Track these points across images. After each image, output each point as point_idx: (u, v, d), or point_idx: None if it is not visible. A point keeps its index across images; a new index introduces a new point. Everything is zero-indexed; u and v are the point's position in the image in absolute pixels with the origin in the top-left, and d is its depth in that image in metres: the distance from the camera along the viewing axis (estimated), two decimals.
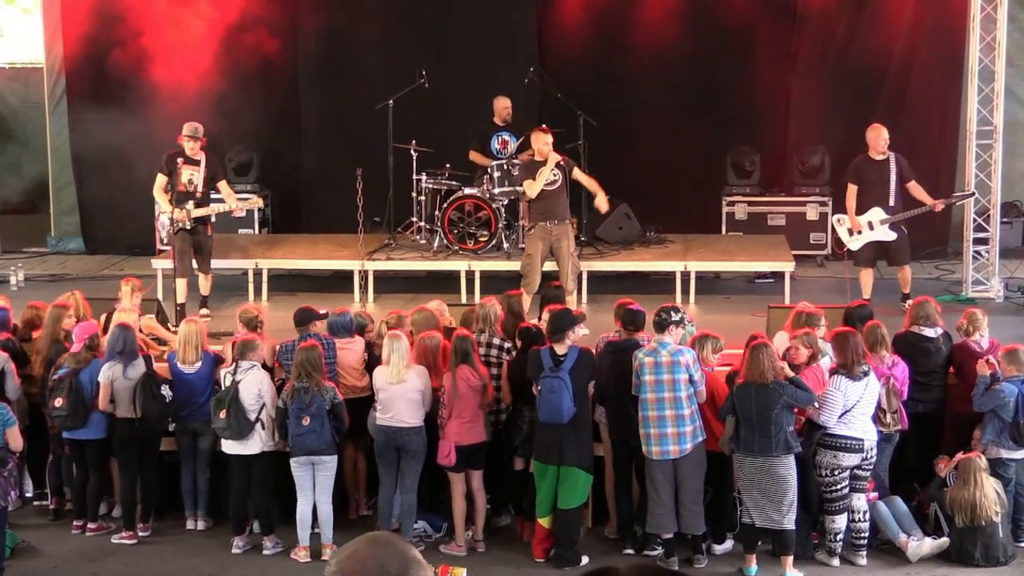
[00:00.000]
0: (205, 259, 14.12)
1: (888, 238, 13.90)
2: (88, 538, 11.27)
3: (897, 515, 10.70)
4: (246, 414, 10.73)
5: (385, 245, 15.35)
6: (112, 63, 16.83)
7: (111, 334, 11.17)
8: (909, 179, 13.97)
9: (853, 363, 10.26)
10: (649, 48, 16.80)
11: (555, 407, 10.20)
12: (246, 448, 10.86)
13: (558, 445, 10.36)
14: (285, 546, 10.94)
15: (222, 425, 10.78)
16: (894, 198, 13.89)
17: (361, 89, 16.67)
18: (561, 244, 13.46)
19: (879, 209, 13.88)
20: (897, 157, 13.94)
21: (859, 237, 13.99)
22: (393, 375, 10.64)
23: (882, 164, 13.88)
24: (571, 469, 10.38)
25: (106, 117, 16.57)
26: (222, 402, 10.76)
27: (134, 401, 10.98)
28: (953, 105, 16.56)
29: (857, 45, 16.78)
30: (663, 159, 16.86)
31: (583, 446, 10.45)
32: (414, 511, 10.85)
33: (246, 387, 10.76)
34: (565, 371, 10.23)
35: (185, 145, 13.81)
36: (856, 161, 14.14)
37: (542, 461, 10.48)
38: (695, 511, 10.40)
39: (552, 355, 10.37)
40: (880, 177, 13.88)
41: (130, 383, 11.00)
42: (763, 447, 10.06)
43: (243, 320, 11.50)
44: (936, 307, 11.37)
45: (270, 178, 17.35)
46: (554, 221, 13.48)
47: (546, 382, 10.25)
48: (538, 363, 10.37)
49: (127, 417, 11.04)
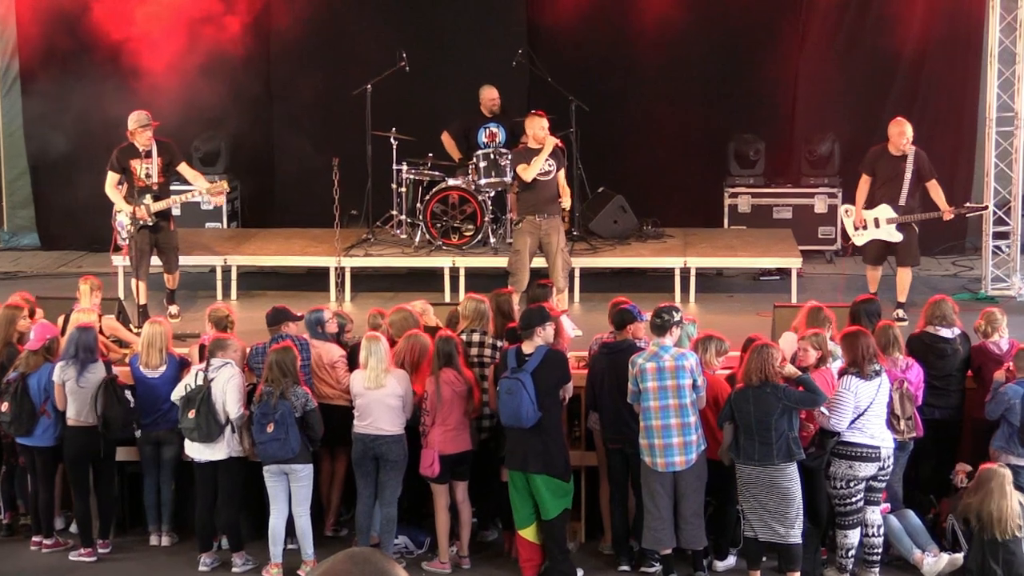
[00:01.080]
0: (170, 257, 14.03)
1: (893, 239, 13.85)
2: (44, 555, 11.23)
3: (910, 529, 10.68)
4: (217, 415, 10.69)
5: (363, 240, 15.32)
6: (70, 45, 16.77)
7: (68, 335, 11.12)
8: (929, 178, 13.87)
9: (863, 361, 10.24)
10: (646, 29, 16.78)
11: (513, 410, 10.19)
12: (213, 453, 10.81)
13: (523, 451, 10.35)
14: (257, 563, 10.90)
15: (190, 425, 10.73)
16: (906, 197, 13.80)
17: (337, 72, 16.64)
18: (551, 239, 13.44)
19: (887, 207, 13.83)
20: (918, 153, 13.84)
21: (864, 233, 13.96)
22: (371, 379, 10.61)
23: (899, 160, 13.82)
24: (538, 477, 10.35)
25: (63, 104, 16.52)
26: (192, 401, 10.70)
27: (95, 407, 10.94)
28: (971, 90, 16.56)
29: (869, 25, 16.78)
30: (661, 148, 16.86)
31: (551, 452, 10.38)
32: (394, 525, 10.82)
33: (219, 386, 10.72)
34: (527, 372, 10.21)
35: (136, 140, 13.69)
36: (873, 151, 14.10)
37: (509, 467, 10.51)
38: (696, 525, 10.39)
39: (518, 355, 10.36)
40: (895, 173, 13.81)
41: (84, 389, 10.96)
42: (763, 455, 10.04)
43: (212, 320, 11.46)
44: (953, 306, 11.34)
45: (239, 168, 17.31)
46: (544, 215, 13.46)
47: (504, 383, 10.25)
48: (503, 363, 10.39)
49: (79, 425, 10.99)
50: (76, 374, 10.97)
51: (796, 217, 16.57)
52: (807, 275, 15.36)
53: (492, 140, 15.50)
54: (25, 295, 12.08)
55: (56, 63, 17.12)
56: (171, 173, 14.03)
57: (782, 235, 15.85)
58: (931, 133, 15.70)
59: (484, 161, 14.77)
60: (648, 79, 17.00)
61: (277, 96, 17.43)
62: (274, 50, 17.30)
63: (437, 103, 16.46)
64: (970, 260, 16.15)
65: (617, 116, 16.71)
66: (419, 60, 15.94)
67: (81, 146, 16.57)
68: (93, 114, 16.17)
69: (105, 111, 16.07)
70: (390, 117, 15.50)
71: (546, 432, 10.34)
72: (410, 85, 15.95)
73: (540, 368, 10.26)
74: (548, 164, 13.47)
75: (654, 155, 16.84)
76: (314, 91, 17.04)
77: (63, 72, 16.98)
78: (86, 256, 17.03)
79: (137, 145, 13.67)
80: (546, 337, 10.39)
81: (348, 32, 16.94)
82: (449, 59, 16.76)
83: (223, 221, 16.84)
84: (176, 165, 13.99)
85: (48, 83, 17.03)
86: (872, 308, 11.38)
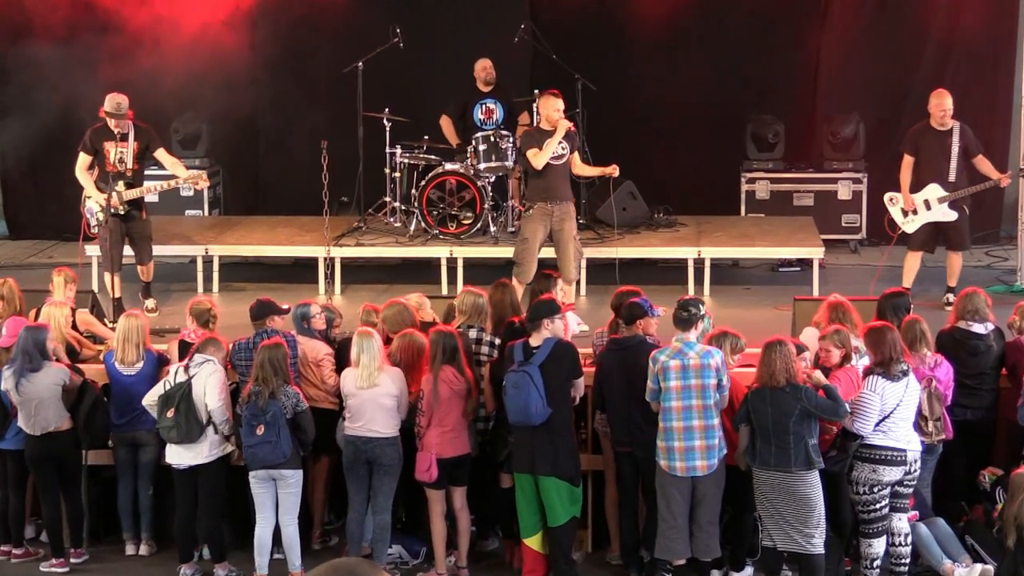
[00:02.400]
0: (143, 248, 14.04)
1: (948, 218, 13.89)
2: (13, 565, 11.27)
3: (940, 538, 10.72)
4: (198, 414, 10.74)
5: (354, 229, 15.35)
6: (38, 21, 16.78)
7: (17, 336, 11.11)
8: (976, 153, 13.95)
9: (890, 361, 10.25)
10: (657, 2, 16.82)
11: (521, 406, 10.23)
12: (194, 456, 10.84)
13: (530, 451, 10.39)
14: (241, 574, 10.95)
15: (168, 424, 10.75)
16: (955, 173, 13.85)
17: (327, 49, 16.68)
18: (563, 227, 13.47)
19: (937, 185, 13.86)
20: (963, 128, 13.91)
21: (915, 218, 13.97)
22: (363, 378, 10.64)
23: (944, 135, 13.88)
24: (548, 480, 10.39)
25: (30, 84, 16.53)
26: (171, 399, 10.74)
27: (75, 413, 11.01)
28: (1006, 68, 16.61)
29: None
30: (673, 130, 16.90)
31: (560, 453, 10.43)
32: (388, 534, 10.85)
33: (199, 383, 10.78)
34: (534, 365, 10.26)
35: (109, 121, 13.73)
36: (915, 129, 14.13)
37: (516, 470, 10.54)
38: (711, 533, 10.39)
39: (525, 348, 10.40)
40: (941, 149, 13.87)
41: (26, 398, 10.95)
42: (780, 460, 10.06)
43: (194, 314, 11.50)
44: (986, 299, 11.38)
45: (221, 152, 17.35)
46: (556, 201, 13.48)
47: (511, 377, 10.28)
48: (509, 357, 10.42)
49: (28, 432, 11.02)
50: (15, 382, 10.96)
51: (818, 204, 16.61)
52: (830, 266, 15.38)
53: (489, 117, 15.54)
54: (12, 283, 12.09)
55: (22, 43, 17.07)
56: (147, 159, 14.03)
57: (803, 223, 15.88)
58: (962, 114, 15.66)
59: (484, 144, 14.79)
60: (660, 56, 17.03)
61: (262, 74, 17.45)
62: (259, 25, 17.29)
63: (433, 82, 16.49)
64: (1004, 250, 16.18)
65: (627, 96, 16.74)
66: (414, 36, 15.97)
67: (50, 130, 16.57)
68: (63, 96, 16.19)
69: (76, 92, 16.10)
70: (383, 97, 15.53)
71: (555, 431, 10.37)
72: (405, 63, 15.99)
73: (548, 361, 10.29)
74: (561, 147, 13.50)
75: (666, 138, 16.88)
76: (301, 69, 17.09)
77: (31, 52, 16.96)
78: (57, 246, 17.07)
79: (111, 126, 13.69)
80: (555, 330, 10.44)
81: (338, 6, 16.95)
82: (446, 35, 16.79)
83: (204, 208, 16.88)
84: (154, 151, 13.97)
85: (13, 65, 17.01)
86: (900, 303, 11.36)
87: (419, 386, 10.75)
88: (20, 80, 16.79)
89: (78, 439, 11.18)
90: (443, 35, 16.77)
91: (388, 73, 15.84)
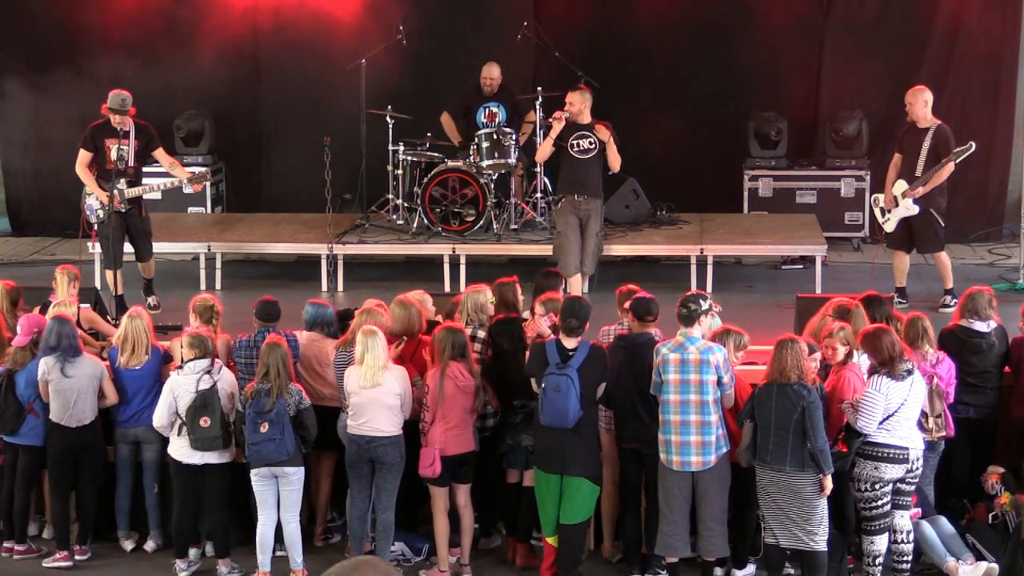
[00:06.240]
0: (143, 245, 14.03)
1: (911, 212, 13.84)
2: (15, 562, 11.29)
3: (943, 536, 10.74)
4: (227, 420, 10.79)
5: (357, 226, 15.37)
6: (39, 18, 16.77)
7: (47, 327, 11.19)
8: (944, 155, 13.74)
9: (893, 361, 10.25)
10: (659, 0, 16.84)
11: (561, 409, 10.21)
12: (203, 454, 10.85)
13: (560, 452, 10.37)
14: (243, 571, 10.97)
15: (208, 435, 10.72)
16: (921, 172, 13.80)
17: (330, 46, 16.67)
18: (590, 220, 13.81)
19: (903, 181, 13.88)
20: (939, 128, 13.83)
21: (890, 216, 13.99)
22: (367, 378, 10.62)
23: (921, 133, 13.88)
24: (576, 479, 10.40)
25: (32, 81, 16.53)
26: (205, 408, 10.74)
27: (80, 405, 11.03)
28: (1009, 65, 16.59)
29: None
30: (676, 127, 16.88)
31: (590, 454, 10.47)
32: (391, 531, 10.86)
33: (224, 388, 10.83)
34: (573, 368, 10.26)
35: (111, 118, 13.71)
36: (902, 128, 14.17)
37: (544, 469, 10.49)
38: (717, 532, 10.39)
39: (559, 349, 10.37)
40: (915, 147, 13.88)
41: (71, 383, 11.02)
42: (779, 458, 10.07)
43: (197, 311, 11.48)
44: (992, 298, 11.37)
45: (224, 149, 17.35)
46: (584, 195, 13.79)
47: (551, 380, 10.24)
48: (542, 358, 10.36)
49: (62, 424, 11.07)
50: (60, 369, 11.05)
51: (821, 201, 16.60)
52: (832, 264, 15.40)
53: (491, 120, 15.55)
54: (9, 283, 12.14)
55: (24, 40, 17.10)
56: (146, 158, 14.03)
57: (806, 221, 15.89)
58: (964, 112, 15.74)
59: (487, 142, 14.81)
60: (662, 52, 17.02)
61: (265, 71, 17.43)
62: (262, 21, 17.28)
63: (437, 79, 16.48)
64: (1007, 248, 16.16)
65: (628, 92, 16.73)
66: (417, 32, 15.98)
67: (53, 126, 16.59)
68: (64, 93, 16.20)
69: (78, 89, 16.12)
70: (386, 94, 15.54)
71: (584, 433, 10.39)
72: (408, 60, 16.00)
73: (585, 365, 10.30)
74: (590, 143, 13.71)
75: (668, 135, 16.86)
76: (305, 66, 17.08)
77: (32, 49, 16.99)
78: (59, 243, 17.08)
79: (113, 123, 13.70)
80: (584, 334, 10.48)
81: (341, 3, 16.94)
82: (449, 31, 16.77)
83: (207, 205, 16.88)
84: (152, 150, 13.97)
85: (15, 63, 17.01)
86: (879, 305, 11.22)
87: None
88: (23, 76, 16.78)
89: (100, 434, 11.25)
90: (446, 32, 16.75)
91: (391, 70, 15.85)
